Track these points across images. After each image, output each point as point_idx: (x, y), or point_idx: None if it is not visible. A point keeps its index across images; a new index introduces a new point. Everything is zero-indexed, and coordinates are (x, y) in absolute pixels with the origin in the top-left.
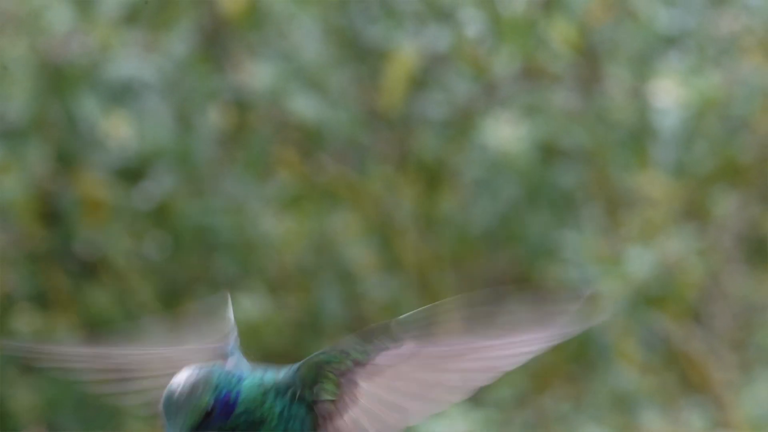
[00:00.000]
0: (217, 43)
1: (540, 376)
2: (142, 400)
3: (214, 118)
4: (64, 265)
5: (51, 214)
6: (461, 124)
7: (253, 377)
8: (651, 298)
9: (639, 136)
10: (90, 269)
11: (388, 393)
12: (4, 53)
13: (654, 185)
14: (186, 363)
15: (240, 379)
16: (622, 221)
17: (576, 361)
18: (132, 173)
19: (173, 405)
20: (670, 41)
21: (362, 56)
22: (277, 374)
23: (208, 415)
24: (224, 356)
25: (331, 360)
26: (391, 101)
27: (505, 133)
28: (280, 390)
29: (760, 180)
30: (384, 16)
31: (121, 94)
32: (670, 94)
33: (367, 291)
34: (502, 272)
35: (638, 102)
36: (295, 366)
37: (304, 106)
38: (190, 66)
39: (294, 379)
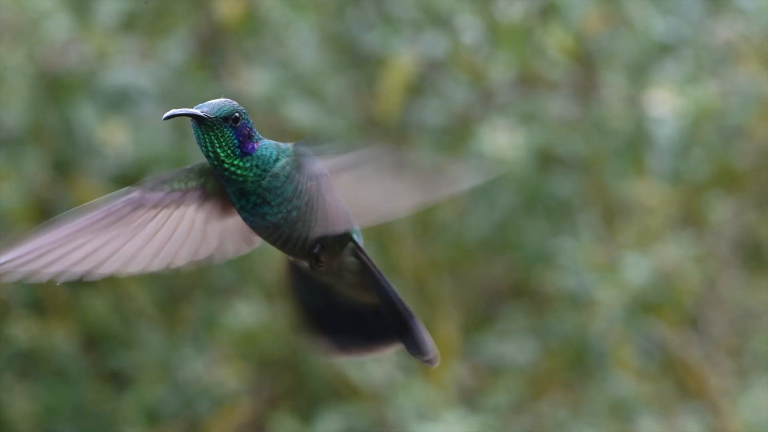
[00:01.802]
0: (213, 50)
1: (537, 382)
2: None
3: None
4: None
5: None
6: (458, 131)
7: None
8: (648, 305)
9: (635, 145)
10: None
11: (356, 188)
12: (2, 62)
13: (650, 193)
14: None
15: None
16: (618, 229)
17: (573, 368)
18: (129, 180)
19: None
20: (666, 50)
21: (359, 63)
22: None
23: (235, 120)
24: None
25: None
26: (388, 108)
27: (502, 140)
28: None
29: (756, 186)
30: (381, 23)
31: (118, 102)
32: (666, 104)
33: None
34: (499, 279)
35: (635, 110)
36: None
37: (300, 113)
38: (186, 73)
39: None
